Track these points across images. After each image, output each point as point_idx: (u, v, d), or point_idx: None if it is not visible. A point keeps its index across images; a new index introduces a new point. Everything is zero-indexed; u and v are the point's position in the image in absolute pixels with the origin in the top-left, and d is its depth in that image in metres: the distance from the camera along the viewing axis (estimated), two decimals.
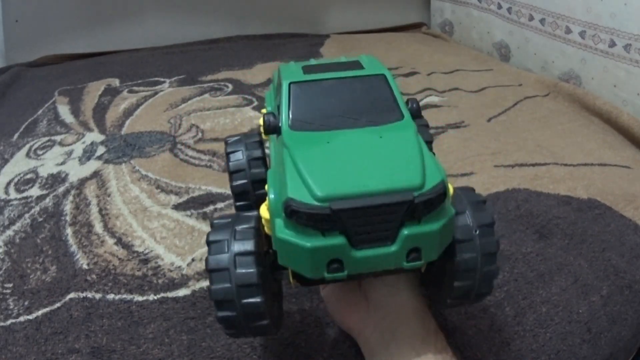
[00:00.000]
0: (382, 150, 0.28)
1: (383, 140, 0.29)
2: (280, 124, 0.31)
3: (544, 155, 0.65)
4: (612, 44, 0.81)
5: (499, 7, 1.07)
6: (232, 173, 0.37)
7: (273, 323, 0.30)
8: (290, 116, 0.31)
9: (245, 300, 0.27)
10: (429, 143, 0.41)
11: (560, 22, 0.91)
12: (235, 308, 0.28)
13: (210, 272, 0.28)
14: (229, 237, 0.29)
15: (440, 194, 0.26)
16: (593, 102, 0.81)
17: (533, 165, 0.63)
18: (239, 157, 0.37)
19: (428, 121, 0.40)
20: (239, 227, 0.29)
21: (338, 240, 0.25)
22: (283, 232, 0.26)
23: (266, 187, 0.28)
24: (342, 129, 0.30)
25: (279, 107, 0.32)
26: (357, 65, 0.35)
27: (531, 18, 0.99)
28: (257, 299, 0.27)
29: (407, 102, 0.33)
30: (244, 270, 0.27)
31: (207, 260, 0.28)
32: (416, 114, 0.32)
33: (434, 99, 0.83)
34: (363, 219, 0.25)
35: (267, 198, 0.27)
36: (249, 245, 0.28)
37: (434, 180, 0.26)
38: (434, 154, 0.41)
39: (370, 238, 0.26)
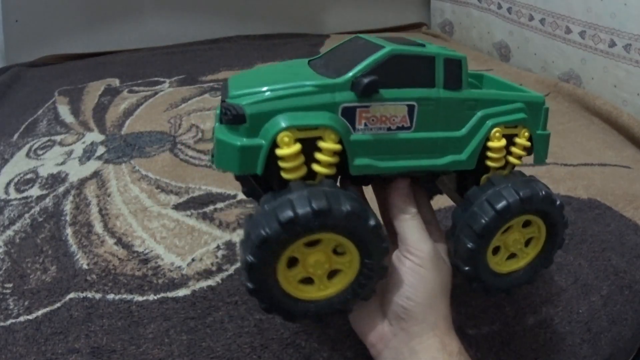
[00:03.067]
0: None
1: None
2: None
3: None
4: (612, 44, 0.81)
5: (499, 7, 1.07)
6: None
7: None
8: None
9: None
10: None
11: (560, 22, 0.91)
12: None
13: None
14: None
15: (230, 107, 0.28)
16: (593, 102, 0.81)
17: (533, 165, 0.63)
18: None
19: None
20: None
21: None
22: None
23: None
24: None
25: None
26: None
27: (531, 18, 0.99)
28: None
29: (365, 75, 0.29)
30: None
31: None
32: (358, 89, 0.28)
33: None
34: None
35: None
36: None
37: (245, 100, 0.28)
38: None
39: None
